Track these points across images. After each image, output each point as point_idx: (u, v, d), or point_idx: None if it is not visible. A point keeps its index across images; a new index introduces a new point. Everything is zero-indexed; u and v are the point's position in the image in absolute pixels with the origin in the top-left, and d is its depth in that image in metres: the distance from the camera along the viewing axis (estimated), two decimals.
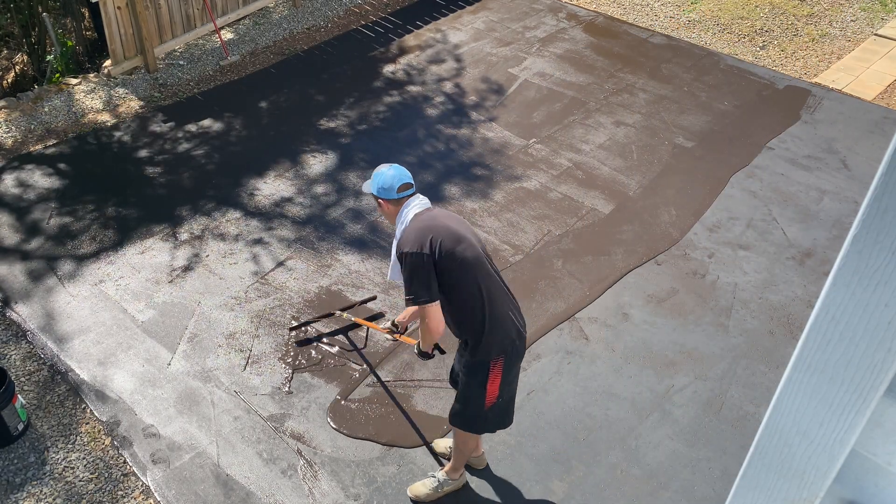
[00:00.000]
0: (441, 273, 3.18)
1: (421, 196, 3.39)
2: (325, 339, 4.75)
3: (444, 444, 4.14)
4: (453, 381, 3.77)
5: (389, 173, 3.34)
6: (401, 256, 3.21)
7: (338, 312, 4.79)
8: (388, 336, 4.03)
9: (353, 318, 4.71)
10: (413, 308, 3.57)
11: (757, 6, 8.75)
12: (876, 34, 8.18)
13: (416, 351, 3.60)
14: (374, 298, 4.98)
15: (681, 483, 4.00)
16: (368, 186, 3.42)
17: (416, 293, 3.17)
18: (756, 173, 6.18)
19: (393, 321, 3.93)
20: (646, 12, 8.65)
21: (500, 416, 3.58)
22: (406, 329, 3.93)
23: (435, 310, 3.20)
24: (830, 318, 1.00)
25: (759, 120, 6.80)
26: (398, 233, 3.30)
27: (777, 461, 1.17)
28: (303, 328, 4.80)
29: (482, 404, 3.44)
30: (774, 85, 7.30)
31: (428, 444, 4.17)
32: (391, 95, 7.15)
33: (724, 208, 5.82)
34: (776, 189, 6.01)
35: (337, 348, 4.69)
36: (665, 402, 4.41)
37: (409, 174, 3.40)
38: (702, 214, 5.76)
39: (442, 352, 3.72)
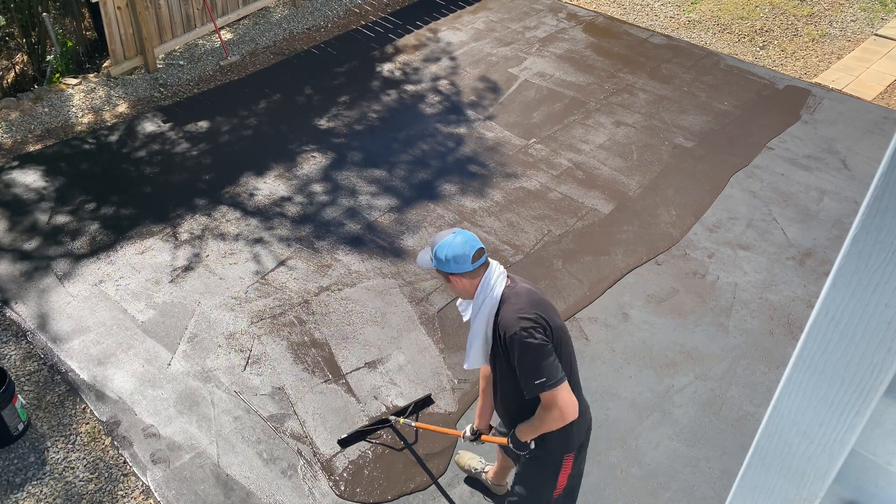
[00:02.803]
0: None
1: (494, 262, 2.89)
2: (368, 439, 4.22)
3: (466, 458, 4.02)
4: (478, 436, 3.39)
5: (458, 241, 2.79)
6: (514, 337, 2.70)
7: (393, 419, 4.19)
8: (471, 441, 3.46)
9: (413, 424, 4.03)
10: (484, 403, 3.27)
11: (757, 6, 8.75)
12: (876, 34, 8.18)
13: (509, 443, 3.06)
14: (428, 397, 4.39)
15: (681, 483, 4.00)
16: (428, 260, 2.88)
17: (549, 375, 2.66)
18: (756, 173, 6.18)
19: (471, 427, 3.43)
20: (646, 12, 8.65)
21: (566, 500, 3.23)
22: (489, 431, 3.43)
23: (567, 391, 2.70)
24: (830, 318, 1.00)
25: (759, 120, 6.80)
26: (487, 312, 2.81)
27: (777, 461, 1.17)
28: (353, 440, 4.21)
29: (550, 495, 3.09)
30: (774, 85, 7.30)
31: (436, 482, 4.01)
32: (391, 95, 7.15)
33: (724, 208, 5.82)
34: (776, 189, 6.01)
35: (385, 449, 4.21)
36: (665, 402, 4.41)
37: (477, 237, 2.85)
38: (702, 214, 5.76)
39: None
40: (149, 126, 6.72)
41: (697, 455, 4.13)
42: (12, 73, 8.02)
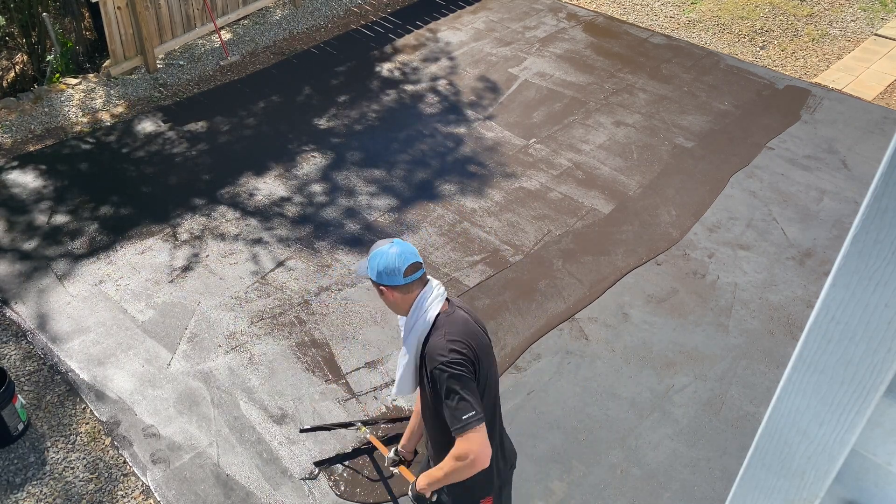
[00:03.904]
0: None
1: (434, 281, 2.69)
2: (346, 463, 4.12)
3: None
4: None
5: (392, 252, 2.60)
6: (439, 370, 2.50)
7: (359, 424, 4.09)
8: (392, 467, 3.37)
9: (368, 436, 4.00)
10: (414, 425, 3.11)
11: (757, 6, 8.75)
12: (876, 34, 8.18)
13: (410, 493, 2.88)
14: (406, 419, 4.11)
15: (681, 483, 4.00)
16: (365, 269, 2.68)
17: (473, 412, 2.46)
18: (756, 173, 6.18)
19: (395, 449, 3.32)
20: (646, 12, 8.65)
21: None
22: (412, 459, 3.32)
23: (484, 434, 2.48)
24: (830, 318, 1.00)
25: (759, 120, 6.80)
26: (418, 335, 2.61)
27: (777, 461, 1.17)
28: (314, 431, 4.21)
29: None
30: (774, 85, 7.30)
31: None
32: (390, 95, 7.15)
33: (724, 208, 5.82)
34: (776, 189, 6.01)
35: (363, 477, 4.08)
36: (665, 402, 4.41)
37: (416, 251, 2.65)
38: (702, 214, 5.76)
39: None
40: (149, 126, 6.72)
41: (697, 455, 4.13)
42: (12, 73, 8.02)
